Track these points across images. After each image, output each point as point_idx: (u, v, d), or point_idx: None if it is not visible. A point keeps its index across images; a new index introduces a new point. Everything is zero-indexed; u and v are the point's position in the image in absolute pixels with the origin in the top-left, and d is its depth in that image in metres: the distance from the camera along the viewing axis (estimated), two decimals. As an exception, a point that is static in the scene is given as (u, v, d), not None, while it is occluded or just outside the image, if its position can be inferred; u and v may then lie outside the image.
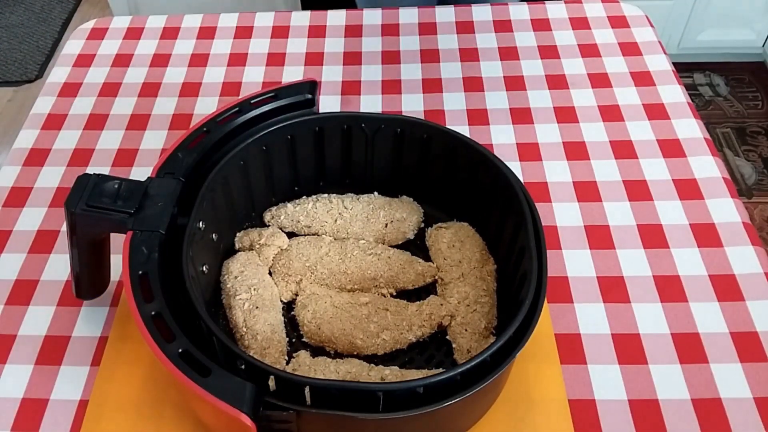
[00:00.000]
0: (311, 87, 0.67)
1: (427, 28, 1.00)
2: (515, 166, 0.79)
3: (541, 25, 1.00)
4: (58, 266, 0.71)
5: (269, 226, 0.71)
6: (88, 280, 0.63)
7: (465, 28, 1.00)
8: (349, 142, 0.69)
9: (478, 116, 0.86)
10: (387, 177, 0.72)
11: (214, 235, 0.64)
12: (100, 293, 0.66)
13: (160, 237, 0.54)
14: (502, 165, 0.62)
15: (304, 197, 0.73)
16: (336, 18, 1.02)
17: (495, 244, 0.67)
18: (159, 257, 0.53)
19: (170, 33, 1.01)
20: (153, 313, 0.50)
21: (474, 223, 0.69)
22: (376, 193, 0.73)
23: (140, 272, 0.52)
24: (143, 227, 0.54)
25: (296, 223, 0.70)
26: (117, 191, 0.55)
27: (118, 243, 0.56)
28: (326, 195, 0.72)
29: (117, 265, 0.66)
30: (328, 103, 0.89)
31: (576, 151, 0.81)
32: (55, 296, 0.69)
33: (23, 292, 0.70)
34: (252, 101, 0.65)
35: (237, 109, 0.65)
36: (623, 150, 0.81)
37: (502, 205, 0.62)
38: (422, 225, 0.71)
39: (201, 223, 0.59)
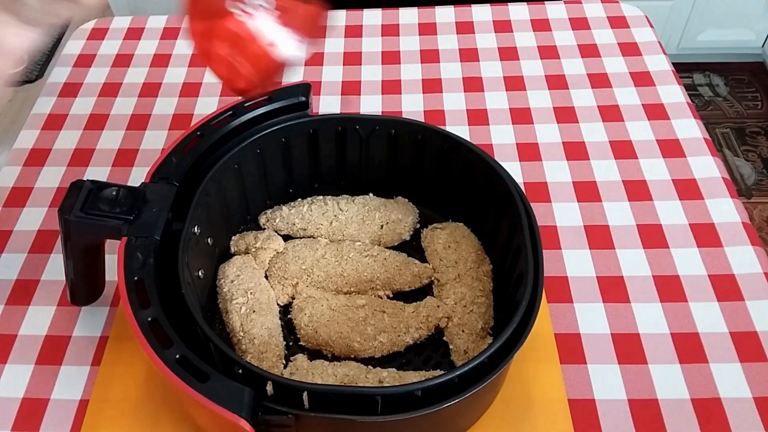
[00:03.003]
0: (305, 89, 0.67)
1: (427, 28, 1.00)
2: (515, 166, 0.79)
3: (541, 25, 1.00)
4: (58, 266, 0.71)
5: (265, 229, 0.71)
6: (83, 287, 0.63)
7: (465, 28, 1.00)
8: (344, 144, 0.69)
9: (478, 116, 0.86)
10: (382, 178, 0.72)
11: (209, 240, 0.64)
12: (95, 299, 0.66)
13: (155, 243, 0.54)
14: (496, 165, 0.62)
15: (299, 199, 0.73)
16: (336, 18, 1.02)
17: (491, 245, 0.67)
18: (154, 263, 0.53)
19: (171, 33, 1.01)
20: (149, 319, 0.50)
21: (469, 224, 0.69)
22: (371, 194, 0.73)
23: (136, 278, 0.52)
24: (138, 233, 0.54)
25: (292, 226, 0.70)
26: (115, 198, 0.55)
27: (115, 245, 0.55)
28: (321, 197, 0.72)
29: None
30: (328, 103, 0.89)
31: (576, 151, 0.81)
32: (55, 296, 0.69)
33: (23, 292, 0.70)
34: (246, 104, 0.65)
35: (231, 112, 0.65)
36: (623, 150, 0.81)
37: (498, 206, 0.62)
38: (418, 226, 0.71)
39: (196, 227, 0.59)
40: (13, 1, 0.48)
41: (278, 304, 0.65)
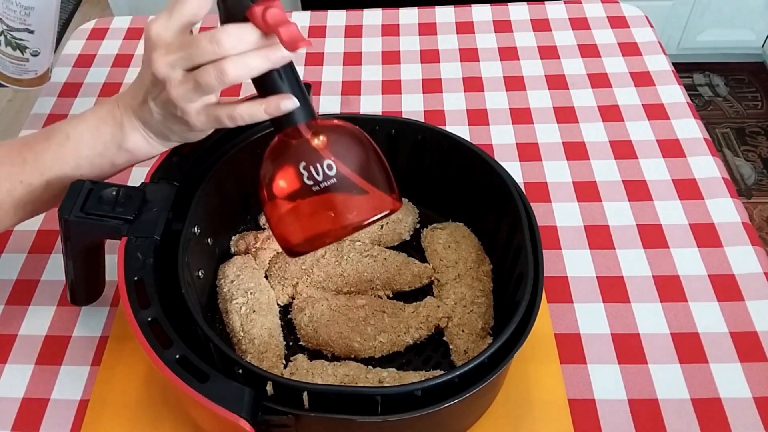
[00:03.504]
0: (305, 89, 0.67)
1: (427, 28, 1.00)
2: (515, 166, 0.79)
3: (541, 25, 1.00)
4: (58, 266, 0.71)
5: (264, 229, 0.71)
6: (83, 287, 0.63)
7: (465, 28, 1.00)
8: (344, 144, 0.69)
9: (478, 116, 0.86)
10: (381, 178, 0.72)
11: (209, 240, 0.64)
12: (95, 299, 0.66)
13: (155, 243, 0.54)
14: (496, 165, 0.62)
15: (300, 199, 0.73)
16: (336, 18, 1.03)
17: (491, 245, 0.67)
18: (154, 263, 0.53)
19: (170, 33, 1.01)
20: (149, 319, 0.50)
21: (469, 224, 0.69)
22: (371, 194, 0.73)
23: (135, 278, 0.52)
24: (138, 233, 0.54)
25: (291, 226, 0.70)
26: (115, 198, 0.55)
27: (115, 245, 0.55)
28: (322, 196, 0.72)
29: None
30: (328, 103, 0.89)
31: (576, 151, 0.81)
32: (55, 296, 0.69)
33: (23, 292, 0.70)
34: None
35: (231, 112, 0.65)
36: (623, 150, 0.81)
37: (497, 206, 0.62)
38: (418, 226, 0.71)
39: (196, 227, 0.59)
40: (141, 105, 0.54)
41: (278, 304, 0.65)
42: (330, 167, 0.51)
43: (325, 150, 0.52)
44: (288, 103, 0.50)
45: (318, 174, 0.51)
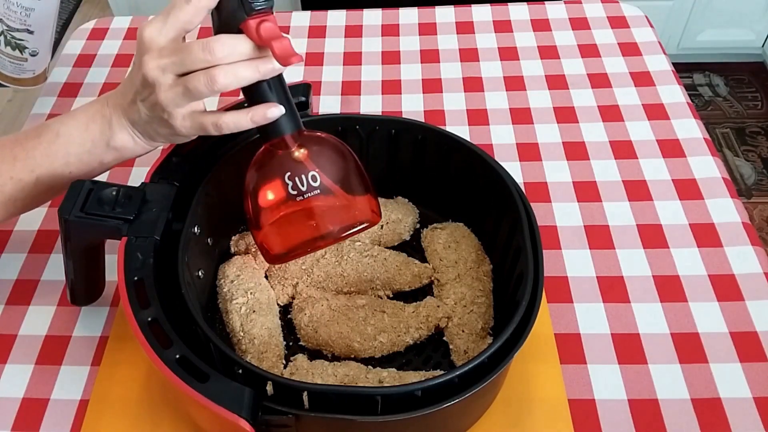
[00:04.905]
0: (305, 89, 0.67)
1: (427, 28, 1.00)
2: (515, 166, 0.79)
3: (541, 25, 1.00)
4: (58, 266, 0.71)
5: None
6: (82, 287, 0.63)
7: (465, 28, 1.00)
8: (344, 144, 0.69)
9: (478, 116, 0.86)
10: (382, 178, 0.71)
11: (209, 240, 0.64)
12: (95, 299, 0.66)
13: (155, 243, 0.54)
14: (496, 165, 0.62)
15: (300, 199, 0.73)
16: (336, 18, 1.03)
17: (491, 245, 0.67)
18: (154, 263, 0.53)
19: (170, 33, 1.01)
20: (149, 319, 0.50)
21: (469, 224, 0.69)
22: (371, 194, 0.73)
23: (135, 278, 0.52)
24: (138, 233, 0.54)
25: (292, 226, 0.70)
26: (115, 198, 0.55)
27: (115, 245, 0.56)
28: (321, 196, 0.72)
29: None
30: (328, 103, 0.89)
31: (576, 151, 0.81)
32: (55, 296, 0.69)
33: (23, 292, 0.70)
34: (245, 105, 0.65)
35: (231, 112, 0.65)
36: (623, 150, 0.81)
37: (497, 206, 0.62)
38: (418, 226, 0.71)
39: (196, 227, 0.59)
40: (131, 105, 0.54)
41: (278, 304, 0.65)
42: (314, 178, 0.53)
43: (310, 161, 0.53)
44: (274, 110, 0.51)
45: (302, 185, 0.52)
